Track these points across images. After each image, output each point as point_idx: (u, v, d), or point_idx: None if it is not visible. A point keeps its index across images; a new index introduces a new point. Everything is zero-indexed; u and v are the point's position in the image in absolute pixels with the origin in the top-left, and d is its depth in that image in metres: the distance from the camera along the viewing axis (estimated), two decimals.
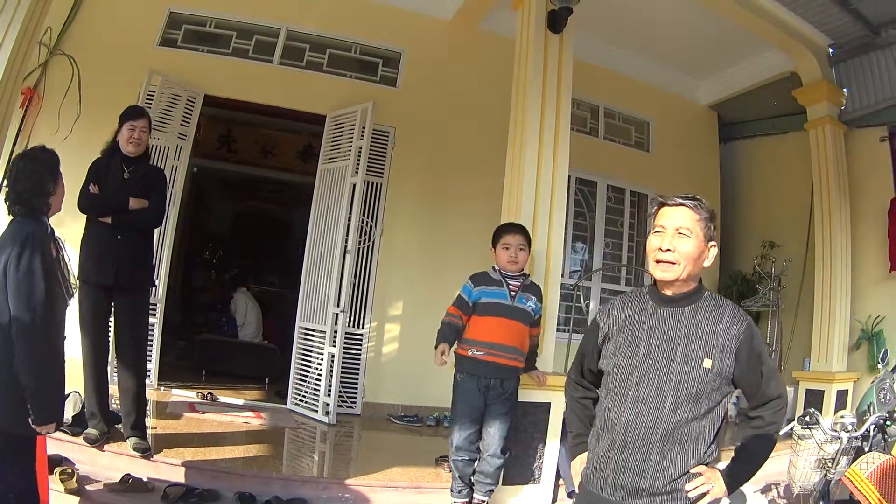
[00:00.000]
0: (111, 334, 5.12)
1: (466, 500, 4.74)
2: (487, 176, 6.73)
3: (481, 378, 4.57)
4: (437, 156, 7.91)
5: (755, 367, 2.47)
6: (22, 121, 7.44)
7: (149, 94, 7.19)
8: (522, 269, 4.77)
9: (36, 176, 3.26)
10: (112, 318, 5.06)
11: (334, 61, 8.01)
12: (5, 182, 3.32)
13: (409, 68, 8.10)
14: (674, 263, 2.49)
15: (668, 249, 2.49)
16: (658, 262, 2.53)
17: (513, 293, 4.65)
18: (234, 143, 10.69)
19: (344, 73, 8.00)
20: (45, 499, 3.24)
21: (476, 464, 4.71)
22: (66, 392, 4.95)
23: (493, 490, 4.76)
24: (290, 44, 7.93)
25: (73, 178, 5.81)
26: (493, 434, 4.61)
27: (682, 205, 2.53)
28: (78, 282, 4.75)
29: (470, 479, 4.72)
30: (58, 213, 3.43)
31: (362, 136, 7.15)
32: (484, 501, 4.74)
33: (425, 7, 8.04)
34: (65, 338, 3.33)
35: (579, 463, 2.79)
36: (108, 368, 5.22)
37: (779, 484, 5.51)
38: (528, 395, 5.02)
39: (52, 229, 3.31)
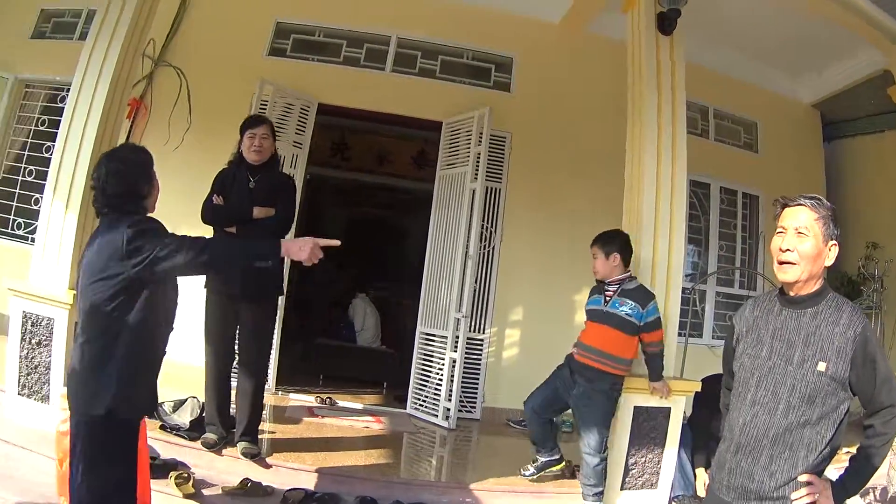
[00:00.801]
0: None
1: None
2: (604, 179, 6.74)
3: (572, 372, 5.02)
4: (554, 160, 7.87)
5: (869, 373, 2.44)
6: (130, 131, 7.58)
7: (262, 104, 7.29)
8: (607, 276, 4.96)
9: (127, 178, 3.11)
10: (237, 326, 5.13)
11: (447, 67, 8.09)
12: (92, 184, 3.16)
13: (521, 73, 8.10)
14: (793, 264, 2.52)
15: (788, 249, 2.53)
16: (780, 263, 2.57)
17: (607, 299, 4.89)
18: (347, 151, 10.77)
19: (457, 79, 8.05)
20: (146, 500, 3.25)
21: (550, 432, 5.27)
22: (185, 397, 5.30)
23: (598, 492, 4.89)
24: (401, 51, 8.04)
25: (185, 185, 5.92)
26: (584, 433, 4.88)
27: (800, 204, 2.56)
28: (205, 290, 5.02)
29: (548, 439, 5.25)
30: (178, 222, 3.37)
31: (480, 141, 7.17)
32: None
33: (533, 11, 8.01)
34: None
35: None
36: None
37: (877, 487, 5.43)
38: (648, 399, 5.09)
39: None
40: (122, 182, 3.07)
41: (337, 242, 3.07)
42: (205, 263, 3.00)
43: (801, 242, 2.50)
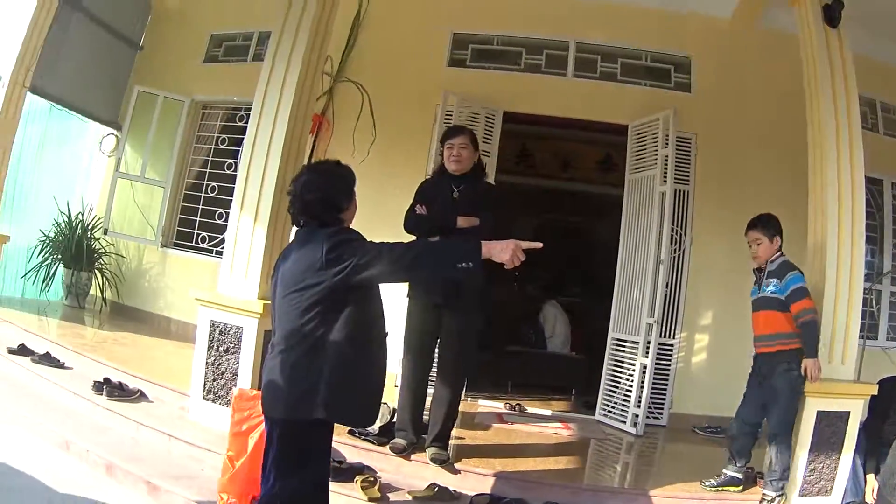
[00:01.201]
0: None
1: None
2: (791, 176, 6.59)
3: (758, 367, 5.14)
4: (740, 159, 7.79)
5: None
6: (313, 146, 7.83)
7: (447, 114, 7.48)
8: (766, 260, 5.06)
9: (327, 190, 3.20)
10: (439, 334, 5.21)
11: (627, 70, 8.10)
12: (291, 194, 3.27)
13: (700, 72, 8.05)
14: None
15: None
16: None
17: (760, 284, 5.08)
18: (531, 158, 10.92)
19: (638, 82, 8.07)
20: None
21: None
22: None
23: (780, 484, 4.88)
24: (580, 55, 8.10)
25: (371, 196, 6.05)
26: (770, 418, 4.96)
27: None
28: (407, 299, 5.19)
29: (740, 459, 5.13)
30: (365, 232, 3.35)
31: (666, 144, 7.19)
32: (773, 498, 4.87)
33: (704, 8, 7.96)
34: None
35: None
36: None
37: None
38: (830, 404, 5.03)
39: None
40: (321, 194, 3.16)
41: (539, 245, 3.06)
42: (407, 267, 3.00)
43: None
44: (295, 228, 3.30)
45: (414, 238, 5.08)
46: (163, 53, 9.99)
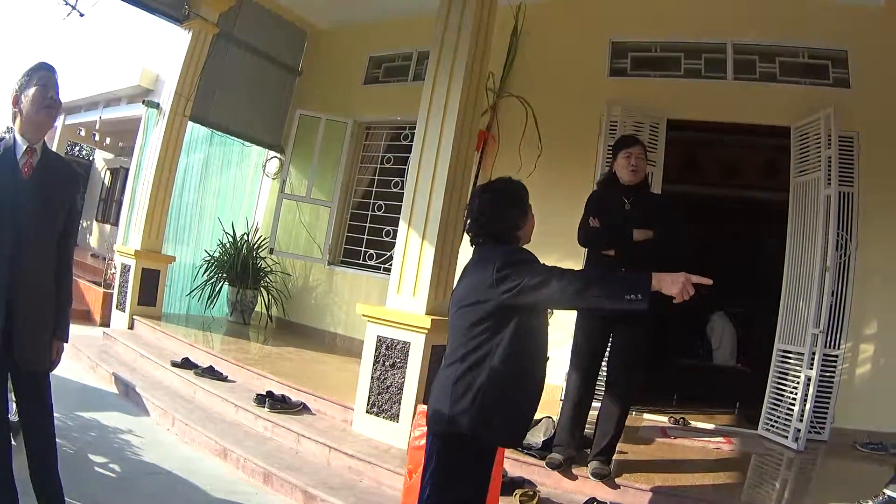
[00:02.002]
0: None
1: None
2: None
3: None
4: None
5: None
6: (480, 162, 8.51)
7: (612, 124, 7.89)
8: None
9: (501, 208, 3.41)
10: (609, 349, 5.44)
11: (786, 69, 8.23)
12: (467, 214, 3.52)
13: (858, 67, 8.04)
14: None
15: None
16: None
17: None
18: (696, 165, 11.24)
19: (797, 81, 8.16)
20: None
21: None
22: (539, 417, 5.55)
23: None
24: (738, 57, 8.32)
25: (540, 210, 6.30)
26: None
27: None
28: (576, 314, 5.37)
29: None
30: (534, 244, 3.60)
31: (829, 144, 7.26)
32: None
33: None
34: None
35: None
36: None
37: None
38: None
39: None
40: (495, 212, 3.40)
41: (709, 281, 3.03)
42: (574, 295, 3.06)
43: None
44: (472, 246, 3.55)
45: (588, 253, 5.48)
46: (322, 77, 11.01)
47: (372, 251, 9.98)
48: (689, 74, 8.42)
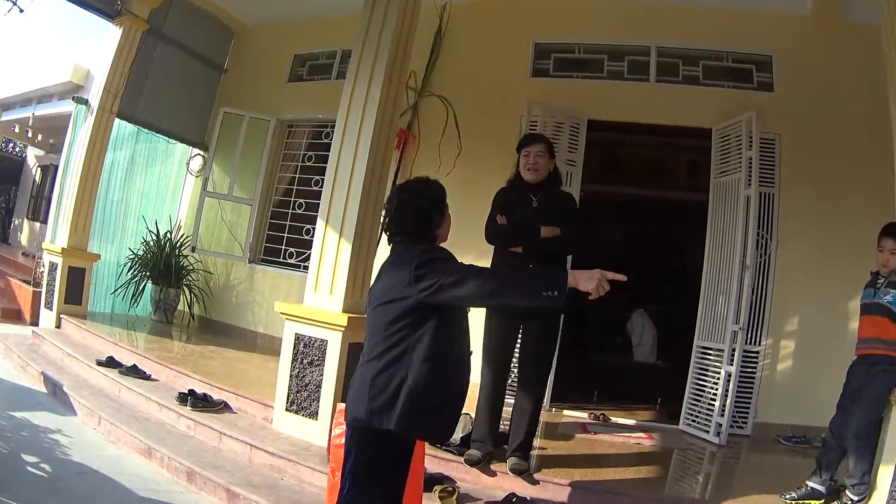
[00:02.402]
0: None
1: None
2: (879, 175, 6.32)
3: (855, 373, 5.08)
4: (827, 160, 7.84)
5: None
6: (400, 160, 8.35)
7: (532, 124, 7.76)
8: (888, 273, 5.05)
9: (418, 208, 3.40)
10: (519, 346, 5.41)
11: (709, 72, 8.24)
12: (385, 213, 3.52)
13: (782, 71, 8.11)
14: None
15: None
16: None
17: (877, 289, 5.04)
18: (618, 166, 11.15)
19: (721, 84, 8.20)
20: None
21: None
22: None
23: (862, 489, 4.88)
24: (662, 60, 8.31)
25: (459, 210, 6.32)
26: (855, 418, 4.95)
27: None
28: (485, 310, 5.27)
29: (827, 472, 5.13)
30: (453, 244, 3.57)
31: (750, 146, 7.29)
32: (856, 501, 4.90)
33: (783, 5, 8.06)
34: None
35: None
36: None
37: None
38: None
39: None
40: (413, 211, 3.38)
41: (624, 277, 3.06)
42: (491, 293, 3.11)
43: None
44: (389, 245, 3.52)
45: (495, 251, 5.37)
46: (247, 75, 10.72)
47: (292, 249, 9.77)
48: (612, 76, 8.41)
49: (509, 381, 5.58)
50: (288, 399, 5.96)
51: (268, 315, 9.44)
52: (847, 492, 4.97)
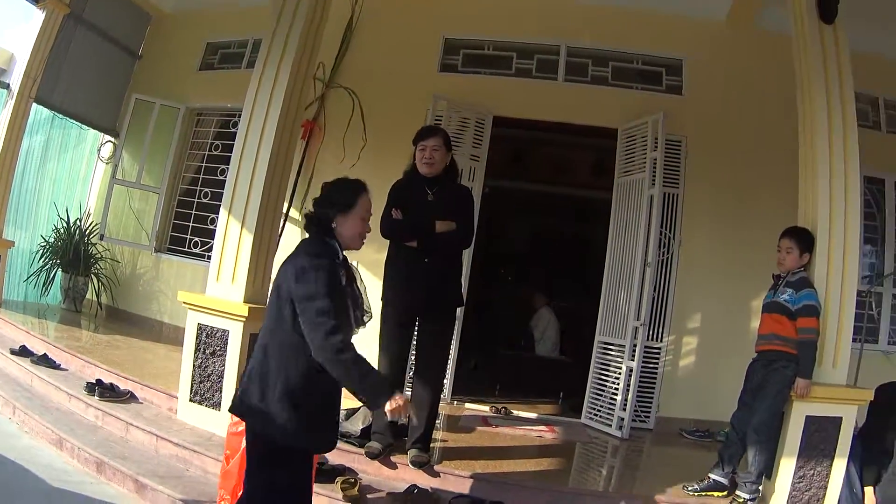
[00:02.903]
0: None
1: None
2: (781, 178, 6.59)
3: (754, 369, 5.17)
4: (730, 162, 7.87)
5: None
6: (305, 151, 8.12)
7: (436, 119, 7.62)
8: (789, 270, 5.11)
9: (323, 202, 3.33)
10: (416, 338, 5.32)
11: (618, 74, 8.23)
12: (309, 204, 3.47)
13: (692, 75, 8.13)
14: None
15: None
16: None
17: (776, 289, 5.13)
18: (524, 162, 10.99)
19: (629, 85, 8.19)
20: None
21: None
22: (357, 406, 5.44)
23: (754, 487, 4.94)
24: (571, 60, 8.25)
25: None
26: (755, 415, 5.00)
27: None
28: (381, 302, 5.16)
29: (729, 465, 5.16)
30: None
31: (655, 147, 7.27)
32: (744, 501, 4.93)
33: (698, 11, 8.03)
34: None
35: None
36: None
37: None
38: (820, 409, 5.02)
39: (342, 256, 3.30)
40: (319, 205, 3.32)
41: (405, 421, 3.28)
42: (324, 357, 2.97)
43: None
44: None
45: (391, 244, 5.22)
46: (161, 61, 10.30)
47: (197, 239, 9.43)
48: (521, 74, 8.32)
49: (408, 373, 5.57)
50: (192, 389, 5.78)
51: (173, 305, 9.07)
52: (738, 490, 4.99)
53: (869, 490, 5.03)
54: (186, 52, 10.00)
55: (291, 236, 7.71)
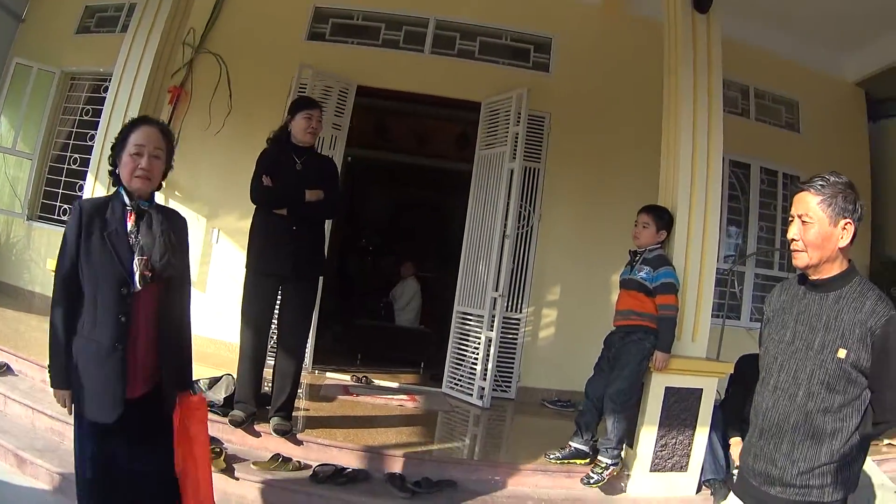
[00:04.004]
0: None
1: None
2: (643, 160, 6.76)
3: (611, 341, 5.26)
4: (593, 140, 8.01)
5: (880, 370, 2.44)
6: (171, 117, 7.96)
7: (301, 87, 7.56)
8: (646, 245, 5.19)
9: (112, 147, 3.15)
10: (279, 307, 5.29)
11: (486, 49, 8.27)
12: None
13: (561, 54, 8.23)
14: (801, 251, 2.55)
15: (794, 238, 2.56)
16: (791, 250, 2.61)
17: (633, 266, 5.20)
18: (388, 132, 11.01)
19: (496, 60, 8.23)
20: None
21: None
22: (220, 375, 5.51)
23: (615, 453, 5.03)
24: (440, 33, 8.26)
25: (226, 168, 6.10)
26: (612, 384, 5.07)
27: (803, 190, 2.57)
28: (245, 270, 5.17)
29: (587, 433, 5.25)
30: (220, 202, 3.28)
31: (518, 122, 7.34)
32: (606, 465, 5.01)
33: None
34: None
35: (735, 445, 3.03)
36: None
37: None
38: (680, 380, 5.19)
39: (133, 201, 3.07)
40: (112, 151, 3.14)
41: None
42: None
43: (805, 230, 2.51)
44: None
45: (257, 211, 5.16)
46: (41, 25, 9.99)
47: (66, 206, 9.16)
48: (388, 45, 8.29)
49: (270, 342, 5.50)
50: None
51: (44, 274, 8.76)
52: (600, 456, 5.05)
53: (736, 440, 5.17)
54: (66, 14, 9.73)
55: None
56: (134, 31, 5.94)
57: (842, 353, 2.40)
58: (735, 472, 3.88)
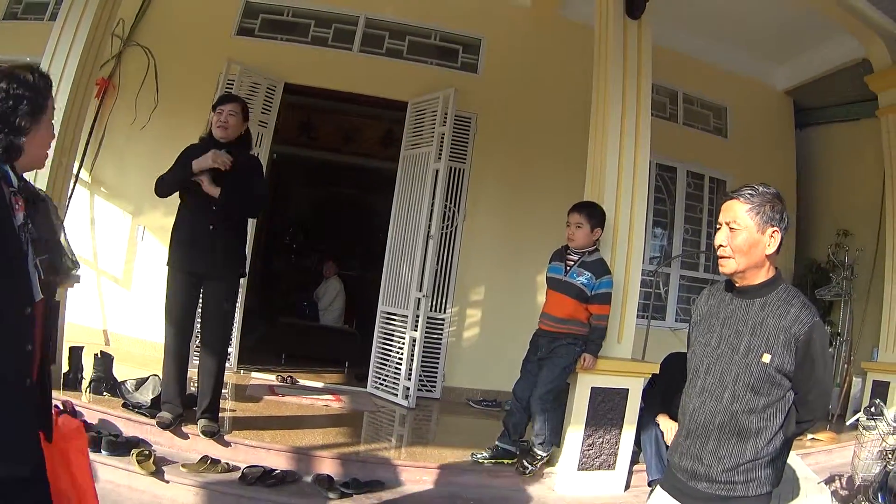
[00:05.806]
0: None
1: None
2: (569, 162, 6.85)
3: (538, 345, 5.23)
4: (520, 142, 8.04)
5: (806, 374, 2.51)
6: (98, 110, 7.74)
7: (228, 83, 7.40)
8: (582, 247, 5.11)
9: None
10: (201, 306, 5.23)
11: (414, 48, 8.21)
12: None
13: (490, 55, 8.23)
14: (728, 258, 2.57)
15: (721, 245, 2.58)
16: (718, 257, 2.62)
17: (568, 267, 5.10)
18: (314, 130, 10.91)
19: (424, 60, 8.18)
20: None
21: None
22: (146, 375, 5.43)
23: (547, 447, 5.11)
24: (369, 31, 8.17)
25: (152, 163, 6.02)
26: (539, 385, 5.08)
27: (730, 198, 2.60)
28: (167, 267, 5.08)
29: (515, 433, 5.27)
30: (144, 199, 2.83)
31: (445, 122, 7.31)
32: (544, 457, 5.11)
33: None
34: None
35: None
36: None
37: (842, 475, 5.60)
38: (605, 380, 5.24)
39: (20, 182, 2.28)
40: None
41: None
42: None
43: (732, 237, 2.54)
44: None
45: (182, 204, 5.09)
46: None
47: None
48: (316, 42, 8.16)
49: (195, 342, 5.51)
50: None
51: None
52: (535, 448, 5.07)
53: (664, 419, 5.21)
54: None
55: (81, 198, 7.49)
56: (63, 19, 5.78)
57: (766, 358, 2.45)
58: None
